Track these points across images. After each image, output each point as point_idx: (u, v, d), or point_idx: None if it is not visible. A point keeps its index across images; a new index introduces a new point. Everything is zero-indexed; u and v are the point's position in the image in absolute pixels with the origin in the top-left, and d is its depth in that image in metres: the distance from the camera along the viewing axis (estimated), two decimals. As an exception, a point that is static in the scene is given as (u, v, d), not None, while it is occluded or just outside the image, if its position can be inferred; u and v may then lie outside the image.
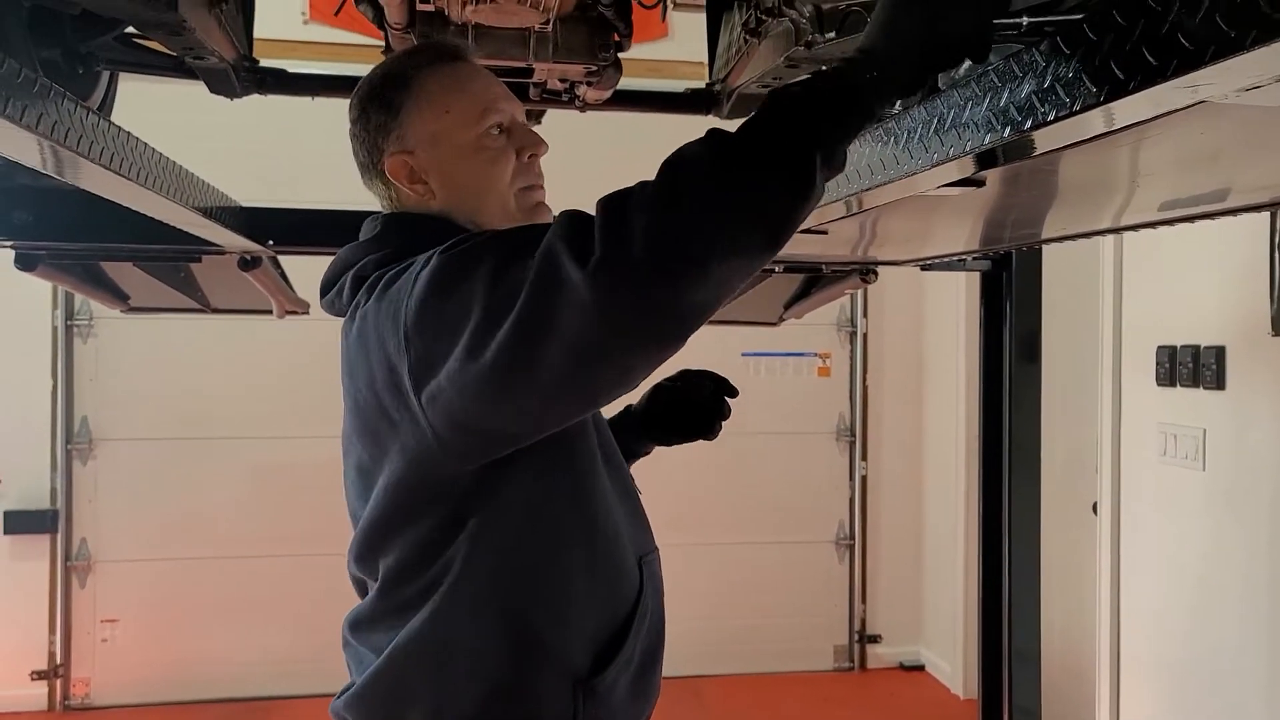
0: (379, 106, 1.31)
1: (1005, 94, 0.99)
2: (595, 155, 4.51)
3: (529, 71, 1.69)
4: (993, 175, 1.30)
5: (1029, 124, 0.95)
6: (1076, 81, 0.86)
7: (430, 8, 1.44)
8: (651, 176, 0.99)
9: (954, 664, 4.75)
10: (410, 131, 1.30)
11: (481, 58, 1.60)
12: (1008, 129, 0.99)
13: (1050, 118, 0.90)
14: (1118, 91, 0.80)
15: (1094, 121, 0.88)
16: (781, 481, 4.97)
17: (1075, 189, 1.62)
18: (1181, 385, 2.92)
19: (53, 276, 2.45)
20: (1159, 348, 3.01)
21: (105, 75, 1.79)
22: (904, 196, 1.43)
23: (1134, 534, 3.18)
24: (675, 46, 3.81)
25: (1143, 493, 3.13)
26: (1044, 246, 2.64)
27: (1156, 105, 0.80)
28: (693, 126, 2.31)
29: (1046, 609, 3.16)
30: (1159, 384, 3.01)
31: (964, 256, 2.66)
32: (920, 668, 5.07)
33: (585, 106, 1.97)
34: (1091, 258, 3.38)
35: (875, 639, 5.09)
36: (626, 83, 1.96)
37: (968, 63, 1.19)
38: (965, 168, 1.21)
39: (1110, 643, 3.24)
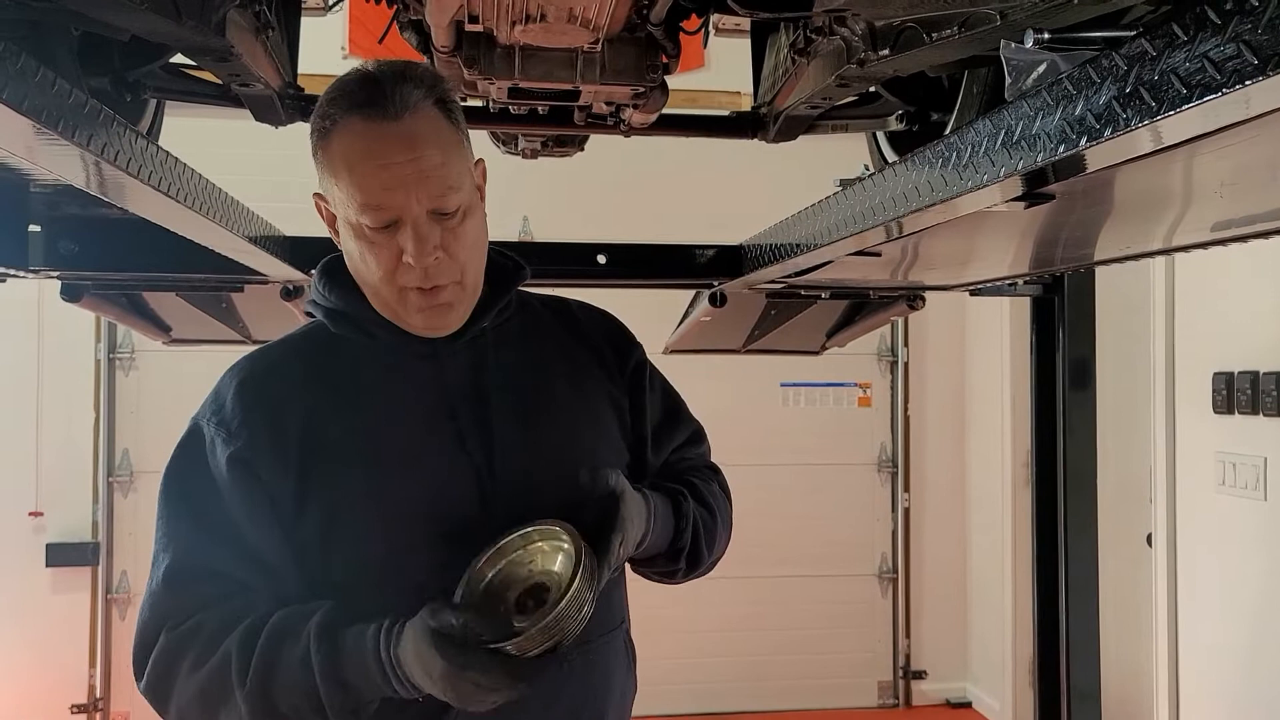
0: (311, 141, 1.23)
1: (1081, 102, 0.95)
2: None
3: (575, 94, 1.67)
4: (1058, 190, 1.26)
5: (1110, 132, 0.90)
6: (1164, 84, 0.82)
7: (479, 28, 1.43)
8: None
9: (1003, 701, 4.63)
10: (320, 178, 1.22)
11: (528, 81, 1.59)
12: (1084, 139, 0.95)
13: (1135, 124, 0.86)
14: (1211, 91, 0.76)
15: (1185, 126, 0.84)
16: (822, 513, 4.89)
17: (1135, 205, 1.57)
18: (1240, 413, 2.85)
19: (97, 307, 2.46)
20: (1215, 374, 2.93)
21: (152, 103, 1.80)
22: (966, 214, 1.38)
23: (1191, 566, 3.08)
24: (712, 77, 3.80)
25: (1200, 523, 3.04)
26: (1095, 269, 2.57)
27: (1267, 101, 0.75)
28: (734, 149, 2.28)
29: (1100, 645, 3.07)
30: (1216, 411, 2.94)
31: (1014, 280, 2.61)
32: (967, 704, 4.95)
33: (630, 130, 1.95)
34: (1142, 280, 3.32)
35: (920, 675, 4.98)
36: (667, 111, 1.93)
37: (1035, 73, 1.16)
38: (1031, 182, 1.17)
39: (1169, 679, 3.14)
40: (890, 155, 2.10)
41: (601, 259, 2.41)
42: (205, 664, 1.12)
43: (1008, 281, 2.61)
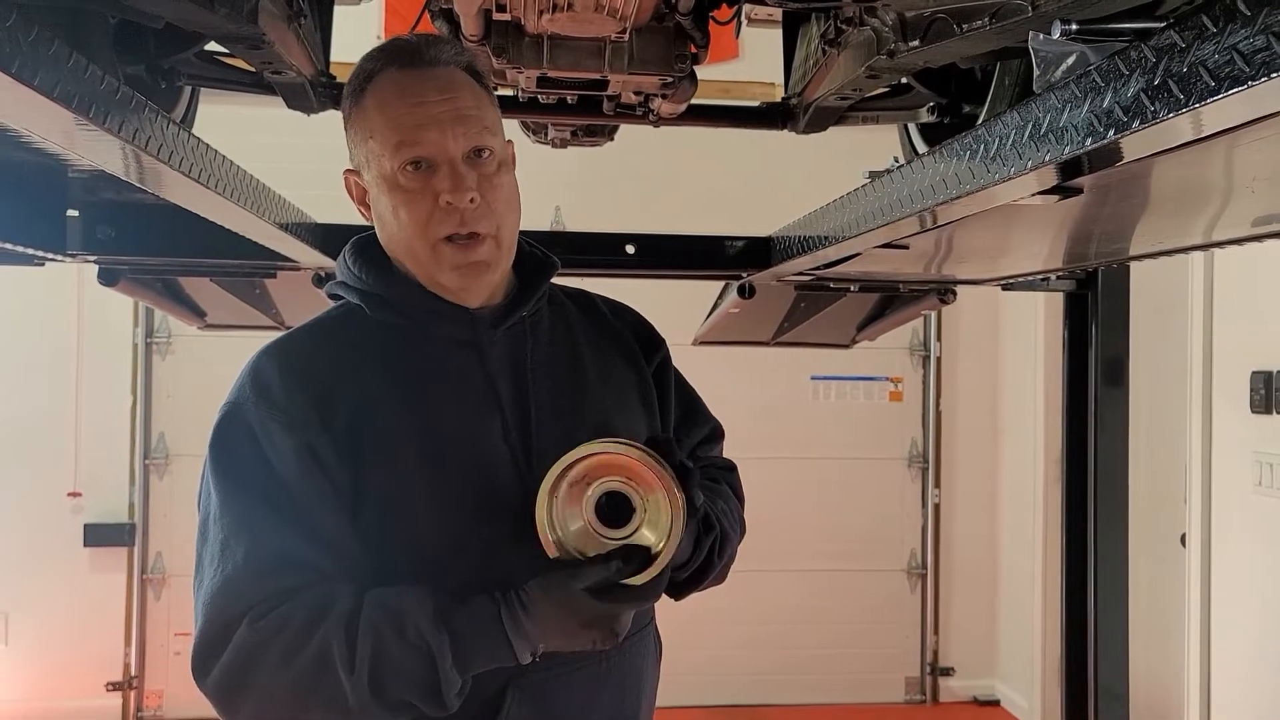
0: (343, 113, 1.23)
1: (1109, 94, 0.94)
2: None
3: (604, 84, 1.67)
4: (1086, 183, 1.24)
5: (1137, 125, 0.89)
6: (1193, 76, 0.81)
7: (507, 17, 1.43)
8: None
9: (1031, 699, 4.59)
10: (352, 149, 1.22)
11: (556, 70, 1.59)
12: (1112, 131, 0.94)
13: (1163, 117, 0.85)
14: (1239, 84, 0.75)
15: (1214, 118, 0.83)
16: (851, 508, 4.87)
17: (1167, 199, 1.55)
18: (1278, 413, 2.80)
19: (134, 292, 2.50)
20: (1254, 373, 2.88)
21: (187, 91, 1.83)
22: (991, 207, 1.37)
23: (1225, 568, 3.04)
24: (745, 68, 3.79)
25: (1235, 525, 3.00)
26: (1131, 264, 2.54)
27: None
28: (765, 140, 2.28)
29: (1131, 646, 3.03)
30: (1254, 410, 2.89)
31: (1047, 275, 2.58)
32: (995, 702, 4.91)
33: (659, 121, 1.95)
34: (1179, 276, 3.27)
35: (948, 671, 4.95)
36: (697, 101, 1.92)
37: (1064, 65, 1.15)
38: (1061, 175, 1.15)
39: (1200, 683, 3.10)
40: (921, 147, 2.09)
41: (630, 249, 2.41)
42: (299, 654, 1.07)
43: (1041, 276, 2.59)
